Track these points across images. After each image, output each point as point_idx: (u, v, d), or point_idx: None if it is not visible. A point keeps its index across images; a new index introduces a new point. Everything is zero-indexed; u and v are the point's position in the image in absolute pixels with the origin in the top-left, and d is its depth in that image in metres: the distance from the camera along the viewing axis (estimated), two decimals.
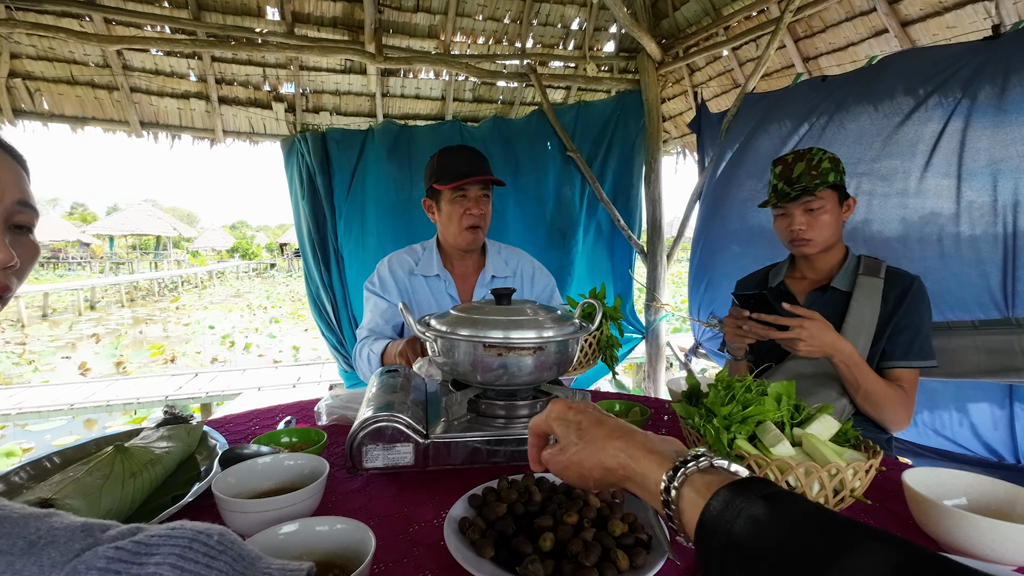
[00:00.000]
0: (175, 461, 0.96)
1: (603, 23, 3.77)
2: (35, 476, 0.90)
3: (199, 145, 3.63)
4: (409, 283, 1.75)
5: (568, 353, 1.04)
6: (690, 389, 1.09)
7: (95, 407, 4.91)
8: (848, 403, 1.38)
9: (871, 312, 1.39)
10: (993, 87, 1.81)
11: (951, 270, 1.93)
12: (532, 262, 1.89)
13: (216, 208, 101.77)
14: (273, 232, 51.33)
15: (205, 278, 21.65)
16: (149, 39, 3.10)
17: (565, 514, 0.76)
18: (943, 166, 1.95)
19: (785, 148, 2.52)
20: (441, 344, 1.02)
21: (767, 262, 1.74)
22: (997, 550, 0.70)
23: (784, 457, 0.85)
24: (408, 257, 1.78)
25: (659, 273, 3.61)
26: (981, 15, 2.20)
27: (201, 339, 11.02)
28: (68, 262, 26.92)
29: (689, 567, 0.72)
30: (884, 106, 2.13)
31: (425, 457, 0.96)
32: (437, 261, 1.75)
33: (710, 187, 3.05)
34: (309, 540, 0.67)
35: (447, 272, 1.75)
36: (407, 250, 1.81)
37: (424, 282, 1.75)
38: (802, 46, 2.97)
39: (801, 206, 1.42)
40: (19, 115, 3.13)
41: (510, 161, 3.48)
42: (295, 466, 0.87)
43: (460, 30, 3.62)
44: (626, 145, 3.58)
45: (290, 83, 3.61)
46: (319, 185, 3.30)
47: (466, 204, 1.64)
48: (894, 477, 1.02)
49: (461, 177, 1.59)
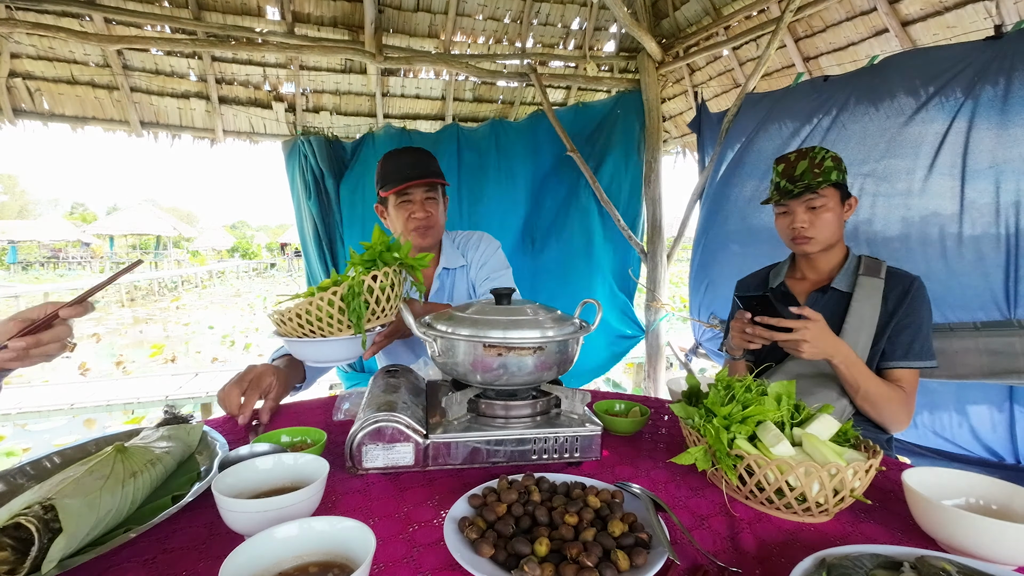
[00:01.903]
0: (175, 461, 0.95)
1: (603, 23, 3.77)
2: (35, 476, 0.90)
3: (199, 145, 3.63)
4: None
5: (568, 353, 1.04)
6: (690, 389, 1.09)
7: (95, 407, 4.91)
8: (848, 403, 1.38)
9: (871, 312, 1.39)
10: (995, 88, 1.81)
11: (953, 271, 1.93)
12: (481, 237, 1.88)
13: (216, 208, 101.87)
14: (273, 232, 51.34)
15: (205, 278, 21.67)
16: (149, 39, 3.10)
17: (565, 514, 0.76)
18: (945, 167, 1.94)
19: (786, 148, 2.52)
20: (441, 344, 1.02)
21: (767, 262, 1.74)
22: (997, 550, 0.70)
23: (784, 457, 0.85)
24: None
25: (659, 273, 3.61)
26: (982, 15, 2.20)
27: (201, 339, 11.02)
28: (68, 262, 26.94)
29: (689, 567, 0.72)
30: (886, 106, 2.12)
31: (425, 457, 0.96)
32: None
33: (710, 187, 3.04)
34: (309, 540, 0.67)
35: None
36: None
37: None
38: (802, 46, 2.97)
39: (803, 204, 1.42)
40: (19, 115, 3.14)
41: (510, 162, 3.49)
42: (295, 466, 0.87)
43: (460, 30, 3.62)
44: (626, 145, 3.58)
45: (290, 83, 3.61)
46: (327, 187, 3.32)
47: (411, 208, 1.65)
48: (894, 477, 1.02)
49: (403, 181, 1.60)
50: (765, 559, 0.75)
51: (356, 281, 1.18)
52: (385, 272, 1.23)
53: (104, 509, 0.73)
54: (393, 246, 1.29)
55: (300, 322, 1.19)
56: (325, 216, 3.39)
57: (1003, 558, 0.70)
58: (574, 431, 0.98)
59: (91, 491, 0.74)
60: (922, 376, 1.42)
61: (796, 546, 0.79)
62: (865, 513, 0.89)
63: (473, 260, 1.81)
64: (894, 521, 0.87)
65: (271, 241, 40.95)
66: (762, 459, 0.84)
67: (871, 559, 0.66)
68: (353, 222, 3.37)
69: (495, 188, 3.50)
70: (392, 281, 1.25)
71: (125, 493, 0.78)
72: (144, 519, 0.77)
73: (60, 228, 28.89)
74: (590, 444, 0.99)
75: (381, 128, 3.46)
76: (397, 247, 1.29)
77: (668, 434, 1.26)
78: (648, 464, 1.07)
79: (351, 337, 1.21)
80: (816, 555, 0.69)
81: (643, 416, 1.24)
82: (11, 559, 0.64)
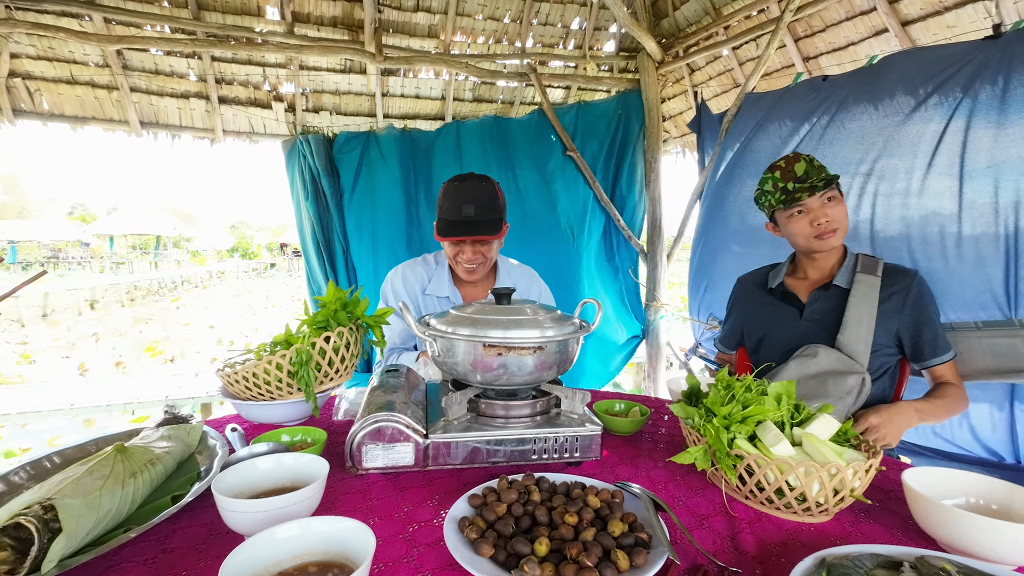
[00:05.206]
0: (175, 461, 0.95)
1: (603, 23, 3.77)
2: (35, 476, 0.90)
3: (199, 145, 3.63)
4: (422, 301, 1.77)
5: (568, 353, 1.04)
6: (690, 389, 1.09)
7: (95, 407, 4.91)
8: (849, 404, 1.38)
9: (868, 308, 1.41)
10: (994, 87, 1.80)
11: (953, 270, 1.93)
12: (540, 284, 1.91)
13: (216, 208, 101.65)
14: (273, 232, 51.31)
15: (205, 278, 21.65)
16: (149, 39, 3.10)
17: (565, 514, 0.76)
18: (944, 166, 1.94)
19: (786, 148, 2.52)
20: (441, 344, 1.02)
21: (767, 262, 1.74)
22: (997, 550, 0.70)
23: (784, 457, 0.85)
24: (422, 271, 1.80)
25: (659, 273, 3.61)
26: (981, 15, 2.20)
27: (201, 339, 11.01)
28: (68, 262, 26.92)
29: (689, 567, 0.72)
30: (885, 106, 2.12)
31: (425, 457, 0.96)
32: (448, 280, 1.77)
33: (710, 187, 3.04)
34: (309, 540, 0.67)
35: (456, 291, 1.77)
36: (419, 262, 1.82)
37: (436, 302, 1.77)
38: (802, 45, 2.97)
39: (821, 199, 1.42)
40: (19, 115, 3.13)
41: (510, 161, 3.48)
42: (295, 466, 0.87)
43: (460, 29, 3.62)
44: (626, 145, 3.58)
45: (290, 83, 3.61)
46: (324, 186, 3.31)
47: (461, 248, 1.64)
48: (894, 477, 1.02)
49: (455, 234, 1.57)
50: (765, 559, 0.75)
51: (304, 349, 1.14)
52: (340, 332, 1.19)
53: (104, 509, 0.73)
54: (350, 303, 1.24)
55: (247, 384, 1.17)
56: (322, 216, 3.38)
57: (1003, 558, 0.70)
58: (574, 431, 0.98)
59: (91, 491, 0.74)
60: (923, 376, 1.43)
61: (796, 546, 0.79)
62: (865, 513, 0.89)
63: (529, 296, 1.85)
64: (894, 521, 0.87)
65: (271, 241, 40.92)
66: (762, 459, 0.84)
67: (871, 559, 0.66)
68: (357, 223, 3.35)
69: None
70: (348, 340, 1.21)
71: (125, 493, 0.78)
72: (144, 519, 0.77)
73: (60, 228, 28.87)
74: (590, 444, 0.99)
75: (382, 126, 3.45)
76: (355, 303, 1.24)
77: (668, 434, 1.26)
78: (648, 464, 1.07)
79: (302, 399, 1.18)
80: (816, 555, 0.69)
81: (643, 416, 1.24)
82: (11, 559, 0.64)
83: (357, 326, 1.26)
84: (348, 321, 1.24)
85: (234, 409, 1.24)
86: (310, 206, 3.33)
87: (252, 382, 1.16)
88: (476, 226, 1.57)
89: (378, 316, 1.29)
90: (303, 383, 1.15)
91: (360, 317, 1.26)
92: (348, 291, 1.28)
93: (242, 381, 1.17)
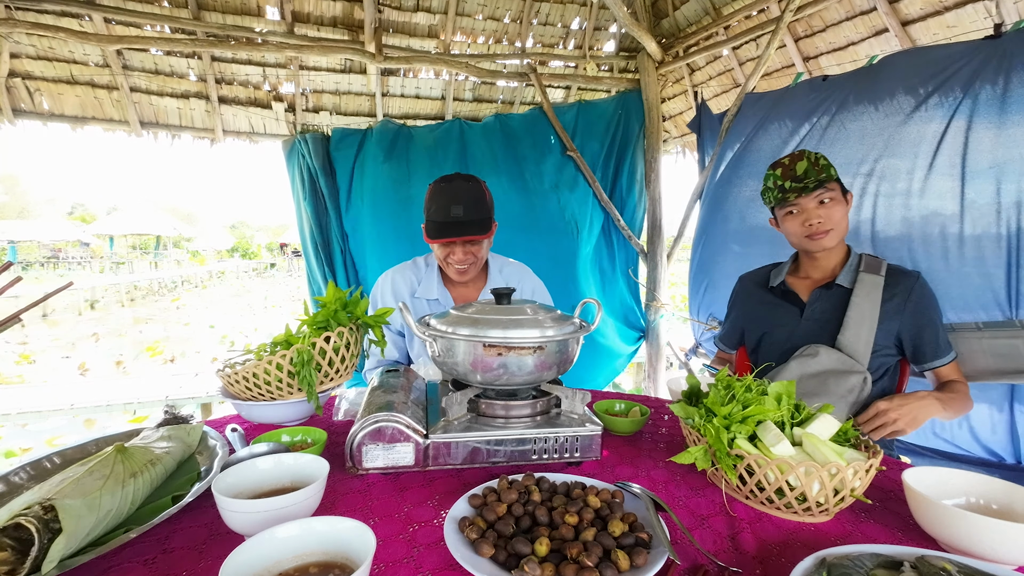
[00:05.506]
0: (175, 461, 0.95)
1: (603, 22, 3.77)
2: (35, 476, 0.90)
3: (199, 145, 3.63)
4: (412, 305, 1.76)
5: (568, 353, 1.04)
6: (690, 389, 1.09)
7: (95, 407, 4.91)
8: (851, 403, 1.38)
9: (871, 308, 1.40)
10: (994, 87, 1.80)
11: (954, 271, 1.93)
12: (534, 280, 1.90)
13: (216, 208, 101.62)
14: (273, 232, 51.29)
15: (205, 278, 21.65)
16: (149, 39, 3.10)
17: (566, 514, 0.76)
18: (945, 166, 1.94)
19: (786, 148, 2.52)
20: (441, 344, 1.02)
21: (767, 262, 1.74)
22: (997, 550, 0.70)
23: (784, 457, 0.85)
24: (412, 275, 1.79)
25: (659, 273, 3.61)
26: (982, 14, 2.20)
27: (201, 339, 11.01)
28: (68, 262, 26.92)
29: (689, 567, 0.72)
30: (885, 106, 2.12)
31: (425, 457, 0.96)
32: (438, 282, 1.76)
33: (710, 187, 3.04)
34: (309, 540, 0.67)
35: (446, 292, 1.76)
36: (409, 266, 1.81)
37: (426, 304, 1.76)
38: (802, 45, 2.97)
39: (815, 199, 1.42)
40: (19, 115, 3.13)
41: (509, 161, 3.48)
42: (295, 466, 0.87)
43: (460, 29, 3.62)
44: (626, 145, 3.58)
45: (290, 83, 3.61)
46: (321, 186, 3.30)
47: (452, 249, 1.63)
48: (894, 477, 1.02)
49: (445, 236, 1.56)
50: (765, 559, 0.75)
51: (305, 348, 1.14)
52: (339, 332, 1.20)
53: (104, 509, 0.73)
54: (350, 303, 1.24)
55: (248, 385, 1.17)
56: (320, 216, 3.38)
57: (1003, 558, 0.70)
58: (574, 431, 0.98)
59: (91, 491, 0.74)
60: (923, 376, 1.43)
61: (796, 546, 0.79)
62: (865, 513, 0.89)
63: (523, 292, 1.84)
64: (894, 521, 0.87)
65: (271, 241, 40.92)
66: (762, 459, 0.84)
67: (871, 559, 0.66)
68: (355, 221, 3.35)
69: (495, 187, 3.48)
70: (348, 340, 1.21)
71: (125, 493, 0.78)
72: (144, 519, 0.77)
73: (60, 228, 28.87)
74: (590, 444, 0.99)
75: (379, 123, 3.44)
76: (355, 303, 1.25)
77: (668, 434, 1.26)
78: (648, 464, 1.07)
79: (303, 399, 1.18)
80: (816, 555, 0.69)
81: (643, 416, 1.24)
82: (11, 559, 0.64)
83: (357, 326, 1.26)
84: (348, 321, 1.24)
85: (234, 409, 1.24)
86: (308, 206, 3.34)
87: (252, 382, 1.16)
88: (465, 226, 1.57)
89: (378, 316, 1.29)
90: (305, 383, 1.15)
91: (360, 317, 1.26)
92: (348, 291, 1.28)
93: (242, 381, 1.17)
